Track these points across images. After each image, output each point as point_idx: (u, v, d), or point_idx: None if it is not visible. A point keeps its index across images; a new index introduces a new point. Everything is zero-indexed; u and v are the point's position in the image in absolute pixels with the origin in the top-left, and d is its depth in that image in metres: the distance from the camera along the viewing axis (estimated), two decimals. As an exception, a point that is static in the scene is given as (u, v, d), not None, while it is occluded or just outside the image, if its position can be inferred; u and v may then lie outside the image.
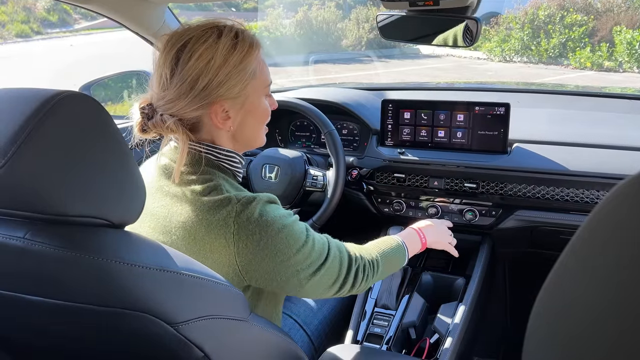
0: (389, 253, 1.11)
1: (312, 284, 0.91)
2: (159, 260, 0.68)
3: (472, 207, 1.51)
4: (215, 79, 0.87)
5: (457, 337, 1.29)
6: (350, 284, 0.99)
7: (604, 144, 1.43)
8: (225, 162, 0.95)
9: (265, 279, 0.87)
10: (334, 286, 0.96)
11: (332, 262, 0.94)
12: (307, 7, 12.92)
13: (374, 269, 1.05)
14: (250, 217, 0.84)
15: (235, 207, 0.84)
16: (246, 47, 0.90)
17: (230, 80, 0.88)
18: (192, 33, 0.88)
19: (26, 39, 13.10)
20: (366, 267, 1.02)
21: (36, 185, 0.59)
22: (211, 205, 0.85)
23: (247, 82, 0.91)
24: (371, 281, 1.04)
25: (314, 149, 1.86)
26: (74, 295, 0.65)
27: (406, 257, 1.16)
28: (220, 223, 0.84)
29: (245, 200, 0.85)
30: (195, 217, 0.86)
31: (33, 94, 0.62)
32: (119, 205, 0.68)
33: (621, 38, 9.64)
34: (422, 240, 1.23)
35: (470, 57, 11.54)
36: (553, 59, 10.67)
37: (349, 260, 0.99)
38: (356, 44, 12.58)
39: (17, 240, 0.63)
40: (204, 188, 0.87)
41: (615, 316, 0.28)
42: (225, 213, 0.84)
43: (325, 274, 0.93)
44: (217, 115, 0.90)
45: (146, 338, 0.68)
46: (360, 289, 1.03)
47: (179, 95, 0.87)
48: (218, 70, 0.87)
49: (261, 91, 0.96)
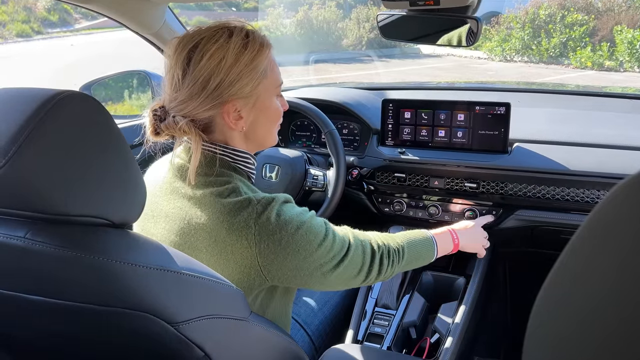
0: (416, 242, 1.11)
1: (336, 275, 0.92)
2: (160, 260, 0.68)
3: (472, 206, 1.51)
4: (227, 78, 0.87)
5: (457, 337, 1.29)
6: (377, 272, 0.99)
7: (605, 144, 1.43)
8: (241, 164, 0.95)
9: (289, 276, 0.88)
10: (359, 275, 0.97)
11: (354, 253, 0.95)
12: (308, 7, 12.92)
13: (399, 255, 1.05)
14: (270, 218, 0.85)
15: (256, 209, 0.85)
16: (257, 46, 0.91)
17: (242, 79, 0.89)
18: (204, 34, 0.89)
19: (27, 38, 13.11)
20: (391, 253, 1.03)
21: (37, 184, 0.59)
22: (232, 208, 0.85)
23: (259, 81, 0.92)
24: (397, 268, 1.05)
25: (314, 148, 1.86)
26: (75, 295, 0.65)
27: (434, 253, 1.15)
28: (241, 225, 0.84)
29: (264, 201, 0.86)
30: (217, 219, 0.86)
31: (34, 93, 0.62)
32: (120, 205, 0.68)
33: (622, 37, 9.63)
34: (455, 241, 1.22)
35: (470, 57, 11.54)
36: (554, 59, 10.66)
37: (372, 248, 0.99)
38: (357, 44, 12.58)
39: (18, 240, 0.63)
40: (223, 190, 0.88)
41: (616, 317, 0.28)
42: (246, 215, 0.84)
43: (349, 265, 0.93)
44: (230, 115, 0.91)
45: (147, 338, 0.68)
46: (387, 276, 1.03)
47: (191, 96, 0.88)
48: (230, 69, 0.87)
49: (272, 91, 0.97)
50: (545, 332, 0.33)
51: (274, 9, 13.33)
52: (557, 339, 0.32)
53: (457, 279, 1.51)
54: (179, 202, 0.91)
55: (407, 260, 1.07)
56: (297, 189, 1.54)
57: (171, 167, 0.96)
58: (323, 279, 0.91)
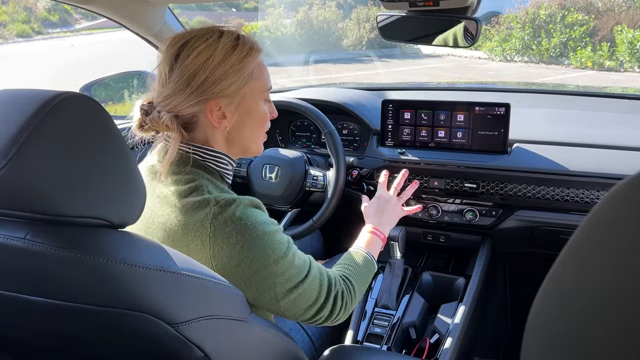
0: (361, 271, 1.07)
1: (288, 301, 0.88)
2: (160, 261, 0.68)
3: (472, 207, 1.51)
4: (212, 76, 0.88)
5: (457, 337, 1.29)
6: (329, 310, 0.94)
7: (605, 144, 1.43)
8: (211, 163, 0.94)
9: (241, 287, 0.84)
10: (311, 309, 0.92)
11: (312, 282, 0.91)
12: (308, 7, 12.92)
13: (351, 294, 1.00)
14: (227, 220, 0.82)
15: (214, 209, 0.83)
16: (246, 49, 0.91)
17: (227, 78, 0.89)
18: (195, 33, 0.90)
19: (27, 39, 13.11)
20: (344, 294, 0.98)
21: (37, 186, 0.59)
22: (190, 207, 0.85)
23: (245, 82, 0.92)
24: (350, 309, 1.00)
25: (314, 149, 1.86)
26: (75, 296, 0.65)
27: (375, 265, 1.13)
28: (197, 225, 0.83)
29: (224, 202, 0.84)
30: (174, 218, 0.86)
31: (34, 95, 0.62)
32: (120, 206, 0.68)
33: (622, 37, 9.63)
34: (381, 237, 1.20)
35: (471, 57, 11.54)
36: (554, 59, 10.66)
37: (328, 283, 0.95)
38: (357, 44, 12.58)
39: (18, 241, 0.63)
40: (185, 189, 0.87)
41: (614, 317, 0.28)
42: (202, 215, 0.83)
43: (303, 294, 0.89)
44: (213, 112, 0.91)
45: (146, 338, 0.68)
46: (338, 319, 0.98)
47: (177, 91, 0.89)
48: (216, 68, 0.88)
49: (259, 94, 0.96)
50: (544, 332, 0.33)
51: (274, 9, 13.33)
52: (555, 339, 0.32)
53: (457, 280, 1.51)
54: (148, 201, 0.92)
55: (359, 294, 1.04)
56: (297, 190, 1.54)
57: (147, 167, 0.96)
58: (275, 301, 0.87)
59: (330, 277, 0.97)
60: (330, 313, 0.95)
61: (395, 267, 1.49)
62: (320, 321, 0.96)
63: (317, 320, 0.95)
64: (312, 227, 1.49)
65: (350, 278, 1.03)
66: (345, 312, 0.99)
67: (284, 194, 1.54)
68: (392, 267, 1.49)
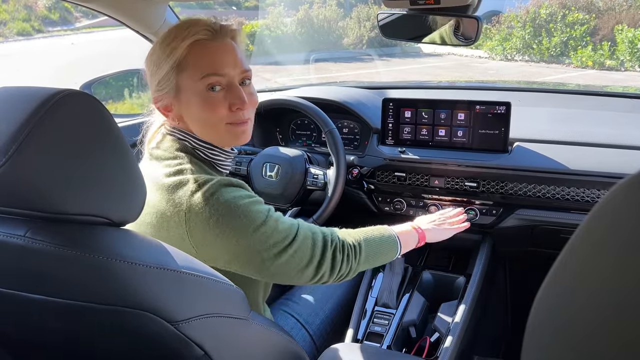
0: (374, 239, 1.06)
1: (278, 265, 0.88)
2: (160, 259, 0.68)
3: (472, 206, 1.51)
4: (148, 70, 0.94)
5: (457, 336, 1.29)
6: (329, 266, 0.94)
7: (605, 143, 1.42)
8: (201, 152, 0.96)
9: (225, 260, 0.86)
10: (307, 268, 0.92)
11: (302, 243, 0.91)
12: (309, 6, 12.91)
13: (355, 250, 0.99)
14: (201, 196, 0.84)
15: (192, 187, 0.85)
16: (169, 39, 0.90)
17: (153, 76, 0.93)
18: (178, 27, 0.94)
19: (27, 37, 13.10)
20: (345, 248, 0.97)
21: (37, 183, 0.59)
22: (170, 185, 0.87)
23: (169, 75, 0.91)
24: (355, 265, 0.99)
25: (314, 147, 1.86)
26: (75, 294, 0.65)
27: (397, 249, 1.12)
28: (175, 202, 0.85)
29: (202, 181, 0.86)
30: (157, 197, 0.88)
31: (34, 92, 0.62)
32: (120, 204, 0.68)
33: (623, 37, 9.62)
34: (419, 233, 1.20)
35: (471, 56, 11.53)
36: (554, 58, 10.65)
37: (323, 240, 0.94)
38: (357, 43, 12.56)
39: (18, 239, 0.63)
40: (171, 171, 0.89)
41: (615, 316, 0.28)
42: (181, 192, 0.85)
43: (294, 255, 0.89)
44: (158, 107, 0.95)
45: (146, 336, 0.68)
46: (342, 274, 0.97)
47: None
48: (150, 65, 0.93)
49: (196, 82, 0.90)
50: (545, 331, 0.33)
51: (275, 7, 13.30)
52: (555, 338, 0.32)
53: (457, 278, 1.51)
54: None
55: (365, 257, 1.02)
56: (297, 188, 1.54)
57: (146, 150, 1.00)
58: (263, 266, 0.87)
59: (325, 233, 0.97)
60: (332, 269, 0.95)
61: (396, 265, 1.49)
62: (325, 279, 0.95)
63: (319, 279, 0.94)
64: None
65: (361, 239, 1.03)
66: (349, 269, 0.98)
67: (284, 193, 1.54)
68: (392, 266, 1.49)
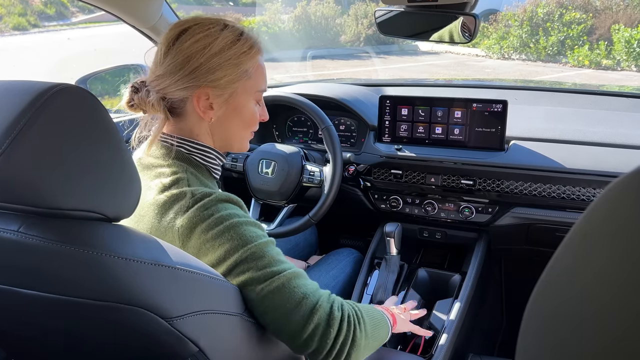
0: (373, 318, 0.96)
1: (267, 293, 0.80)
2: (154, 255, 0.67)
3: (468, 203, 1.51)
4: (206, 64, 0.88)
5: (452, 334, 1.29)
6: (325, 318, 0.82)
7: (601, 142, 1.43)
8: (197, 156, 0.94)
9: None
10: (299, 308, 0.80)
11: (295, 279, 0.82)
12: (306, 3, 12.88)
13: (358, 319, 0.88)
14: (195, 211, 0.83)
15: (188, 202, 0.84)
16: (247, 46, 0.91)
17: (222, 70, 0.89)
18: (199, 21, 0.91)
19: (23, 32, 13.03)
20: (345, 309, 0.86)
21: (31, 178, 0.59)
22: (165, 201, 0.85)
23: (238, 78, 0.91)
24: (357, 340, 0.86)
25: (311, 144, 1.86)
26: (69, 289, 0.64)
27: (389, 331, 1.03)
28: (170, 217, 0.84)
29: (200, 195, 0.84)
30: (153, 210, 0.86)
31: (28, 86, 0.62)
32: (114, 200, 0.68)
33: (619, 36, 9.64)
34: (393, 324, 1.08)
35: (468, 54, 11.53)
36: (551, 57, 10.66)
37: (319, 292, 0.85)
38: (354, 40, 12.55)
39: (12, 234, 0.63)
40: (166, 183, 0.87)
41: (610, 313, 0.28)
42: (177, 207, 0.84)
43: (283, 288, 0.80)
44: (200, 101, 0.91)
45: (141, 332, 0.68)
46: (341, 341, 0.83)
47: (169, 72, 0.89)
48: (212, 57, 0.88)
49: (251, 94, 0.96)
50: (539, 329, 0.33)
51: (272, 4, 13.27)
52: (551, 336, 0.32)
53: (453, 276, 1.51)
54: None
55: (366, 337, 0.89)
56: (294, 185, 1.54)
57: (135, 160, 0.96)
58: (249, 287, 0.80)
59: (321, 289, 0.87)
60: (328, 323, 0.82)
61: (391, 263, 1.49)
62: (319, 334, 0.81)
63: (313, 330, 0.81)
64: (308, 223, 1.49)
65: (361, 311, 0.92)
66: (350, 337, 0.85)
67: (281, 189, 1.54)
68: (388, 263, 1.49)
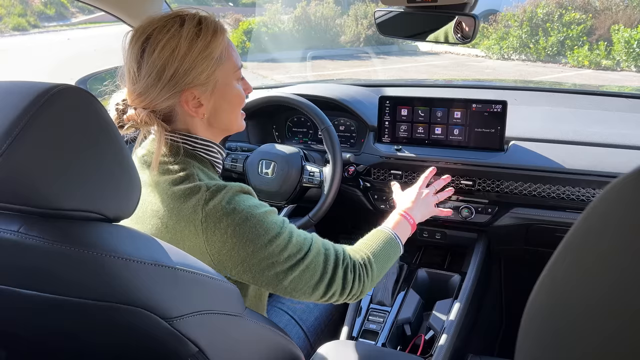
0: (380, 251, 1.05)
1: (292, 279, 0.88)
2: (154, 255, 0.67)
3: (468, 204, 1.51)
4: (181, 67, 0.87)
5: (452, 334, 1.29)
6: (340, 285, 0.93)
7: (601, 142, 1.43)
8: (201, 152, 0.95)
9: (239, 270, 0.86)
10: (319, 285, 0.91)
11: (315, 258, 0.90)
12: (306, 3, 12.88)
13: (367, 269, 0.99)
14: (217, 205, 0.83)
15: (205, 195, 0.84)
16: (210, 33, 0.90)
17: (197, 67, 0.89)
18: (156, 24, 0.89)
19: (23, 32, 13.02)
20: (357, 268, 0.97)
21: (31, 179, 0.59)
22: (181, 194, 0.85)
23: (215, 67, 0.91)
24: (367, 283, 0.99)
25: (310, 145, 1.86)
26: (69, 290, 0.64)
27: (400, 247, 1.12)
28: (189, 211, 0.84)
29: (215, 188, 0.85)
30: (167, 206, 0.86)
31: (28, 87, 0.62)
32: (114, 200, 0.68)
33: (619, 37, 9.64)
34: (410, 221, 1.18)
35: (468, 55, 11.54)
36: (551, 57, 10.67)
37: (335, 258, 0.94)
38: (354, 40, 12.55)
39: (12, 234, 0.63)
40: (176, 178, 0.88)
41: (609, 313, 0.28)
42: (194, 201, 0.84)
43: (306, 270, 0.89)
44: (188, 103, 0.91)
45: (141, 333, 0.68)
46: (354, 294, 0.97)
47: (148, 87, 0.88)
48: (183, 58, 0.87)
49: (231, 76, 0.95)
50: (539, 329, 0.33)
51: (272, 4, 13.27)
52: (551, 336, 0.32)
53: (452, 277, 1.51)
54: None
55: (376, 272, 1.02)
56: (293, 186, 1.54)
57: (136, 158, 0.96)
58: (276, 280, 0.87)
59: (337, 251, 0.96)
60: (343, 288, 0.94)
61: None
62: (335, 298, 0.95)
63: (331, 297, 0.93)
64: (307, 223, 1.49)
65: (369, 254, 1.02)
66: (361, 287, 0.97)
67: (280, 190, 1.54)
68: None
